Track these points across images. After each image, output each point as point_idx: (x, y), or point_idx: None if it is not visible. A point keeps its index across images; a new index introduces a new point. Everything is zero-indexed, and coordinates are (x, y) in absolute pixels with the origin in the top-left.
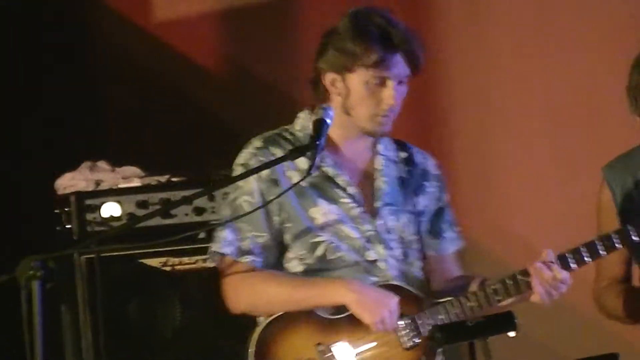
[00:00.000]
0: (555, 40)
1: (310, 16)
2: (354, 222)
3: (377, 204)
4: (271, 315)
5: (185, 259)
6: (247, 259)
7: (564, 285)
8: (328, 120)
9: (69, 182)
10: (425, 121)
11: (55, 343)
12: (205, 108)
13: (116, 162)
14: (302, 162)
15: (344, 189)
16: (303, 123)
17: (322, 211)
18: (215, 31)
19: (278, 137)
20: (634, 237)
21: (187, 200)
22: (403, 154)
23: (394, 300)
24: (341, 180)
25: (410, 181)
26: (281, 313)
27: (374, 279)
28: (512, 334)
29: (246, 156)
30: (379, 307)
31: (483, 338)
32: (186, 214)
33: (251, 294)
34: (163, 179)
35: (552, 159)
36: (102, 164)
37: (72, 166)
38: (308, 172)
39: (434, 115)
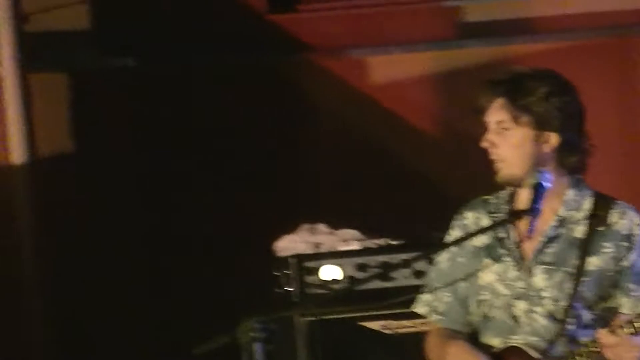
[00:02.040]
0: None
1: None
2: (508, 281)
3: (531, 263)
4: None
5: (406, 322)
6: (434, 317)
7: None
8: (544, 184)
9: (289, 245)
10: None
11: None
12: (420, 172)
13: (335, 225)
14: (484, 222)
15: (508, 249)
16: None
17: (485, 270)
18: (429, 94)
19: (482, 201)
20: None
21: (406, 264)
22: (594, 213)
23: None
24: (507, 240)
25: (587, 241)
26: None
27: (516, 337)
28: None
29: (453, 221)
30: None
31: None
32: (405, 277)
33: (430, 351)
34: (382, 242)
35: None
36: (321, 227)
37: (292, 229)
38: (528, 234)
39: None
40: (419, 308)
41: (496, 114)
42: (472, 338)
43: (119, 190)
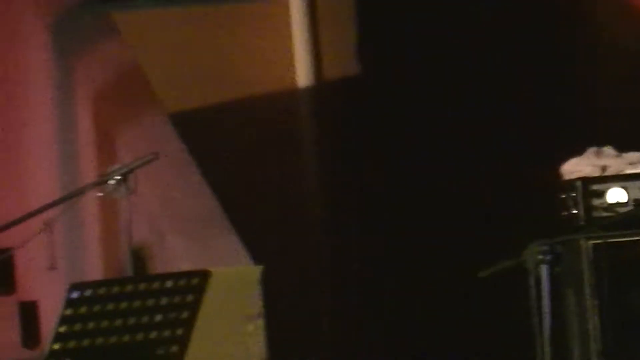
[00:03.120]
0: None
1: None
2: None
3: None
4: None
5: None
6: None
7: None
8: None
9: (575, 168)
10: None
11: (560, 326)
12: None
13: (622, 147)
14: None
15: None
16: None
17: None
18: None
19: None
20: None
21: None
22: None
23: None
24: None
25: None
26: None
27: None
28: None
29: None
30: None
31: None
32: None
33: None
34: None
35: None
36: (607, 150)
37: (579, 151)
38: None
39: None
40: None
41: None
42: None
43: (404, 114)
